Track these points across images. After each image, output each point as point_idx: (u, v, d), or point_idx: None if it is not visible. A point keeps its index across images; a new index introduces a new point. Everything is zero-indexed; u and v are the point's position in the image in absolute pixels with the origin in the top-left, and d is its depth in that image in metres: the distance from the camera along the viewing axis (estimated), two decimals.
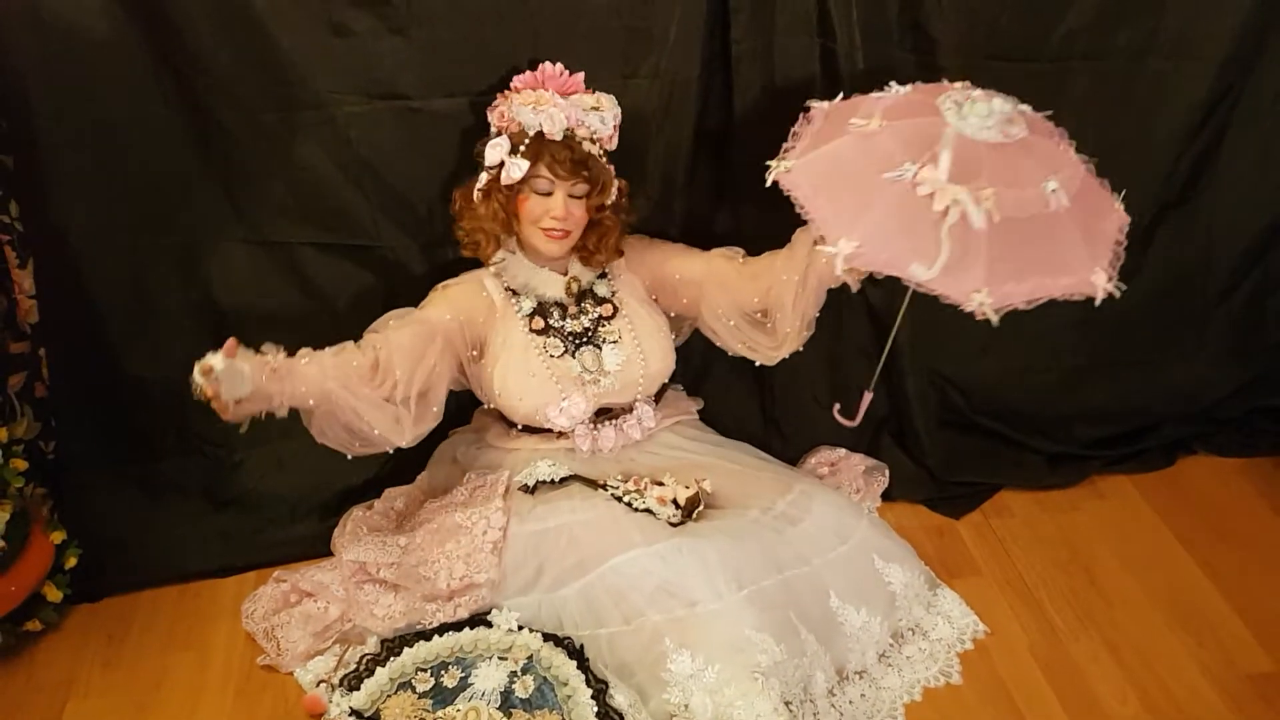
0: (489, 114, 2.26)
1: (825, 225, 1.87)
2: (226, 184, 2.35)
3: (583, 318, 2.35)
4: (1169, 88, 2.49)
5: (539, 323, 2.32)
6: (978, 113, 1.92)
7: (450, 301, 2.32)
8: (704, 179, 2.48)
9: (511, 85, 2.24)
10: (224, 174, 2.34)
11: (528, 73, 2.23)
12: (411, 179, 2.37)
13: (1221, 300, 2.75)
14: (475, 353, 2.34)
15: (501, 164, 2.21)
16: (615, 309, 2.37)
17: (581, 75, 2.24)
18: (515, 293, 2.34)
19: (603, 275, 2.40)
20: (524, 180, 2.21)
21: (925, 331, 2.66)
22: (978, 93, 1.97)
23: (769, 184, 1.95)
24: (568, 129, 2.19)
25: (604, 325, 2.36)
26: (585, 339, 2.34)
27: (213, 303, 2.45)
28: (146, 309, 2.42)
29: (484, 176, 2.24)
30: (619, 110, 2.26)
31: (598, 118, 2.22)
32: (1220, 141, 2.58)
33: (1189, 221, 2.66)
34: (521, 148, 2.19)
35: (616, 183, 2.29)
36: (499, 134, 2.23)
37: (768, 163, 1.98)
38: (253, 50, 2.20)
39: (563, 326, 2.34)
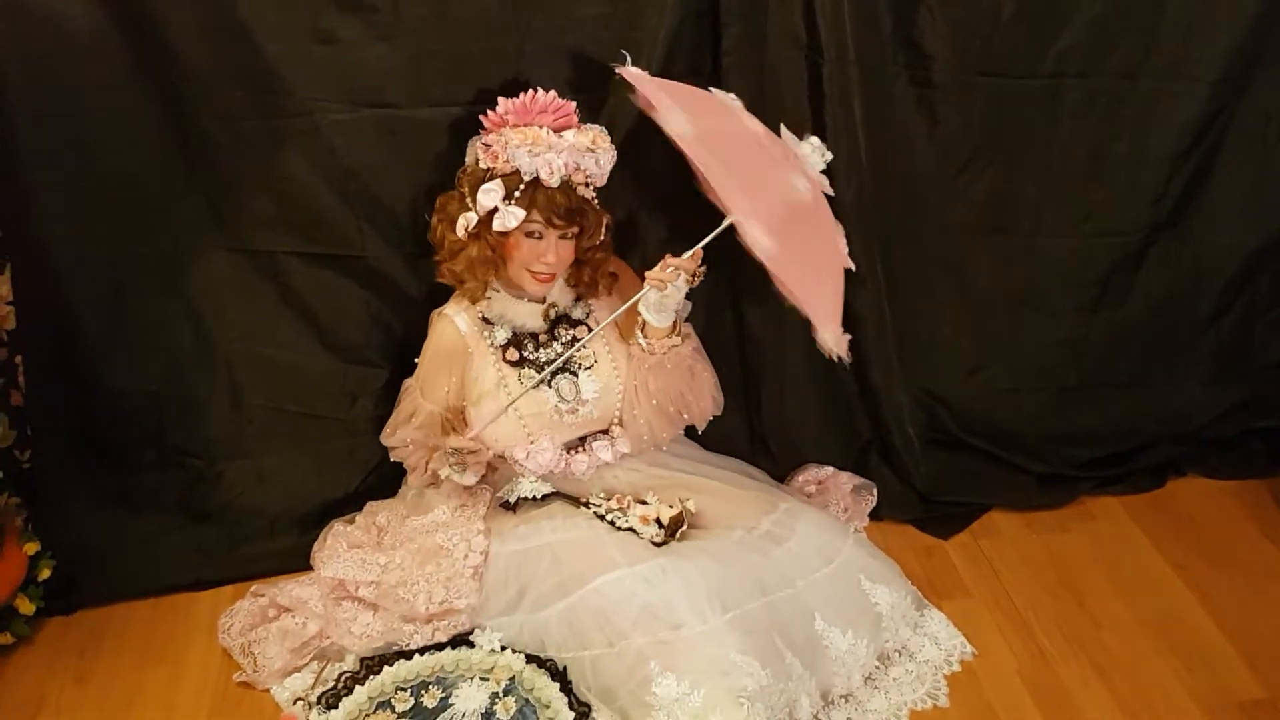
0: (478, 148, 2.18)
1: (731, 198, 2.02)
2: (209, 192, 2.33)
3: (555, 344, 2.29)
4: (1162, 108, 2.48)
5: (513, 354, 2.27)
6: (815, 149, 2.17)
7: (439, 372, 2.28)
8: (690, 192, 2.45)
9: (499, 113, 2.14)
10: (207, 182, 2.32)
11: (515, 101, 2.14)
12: (396, 188, 2.34)
13: (1212, 322, 2.74)
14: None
15: (494, 209, 2.13)
16: (590, 330, 2.32)
17: (573, 105, 2.16)
18: (489, 322, 2.28)
19: (578, 298, 2.35)
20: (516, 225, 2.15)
21: (915, 351, 2.65)
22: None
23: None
24: (565, 175, 2.12)
25: (579, 350, 2.30)
26: (560, 367, 2.28)
27: (194, 313, 2.42)
28: (126, 318, 2.39)
29: (472, 217, 2.16)
30: (614, 150, 2.18)
31: (593, 160, 2.14)
32: (1212, 163, 2.57)
33: (1180, 243, 2.65)
34: (516, 194, 2.12)
35: (604, 219, 2.24)
36: (488, 172, 2.14)
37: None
38: (237, 57, 2.18)
39: (537, 357, 2.28)
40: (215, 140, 2.26)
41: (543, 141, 2.10)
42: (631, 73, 2.09)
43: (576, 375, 2.29)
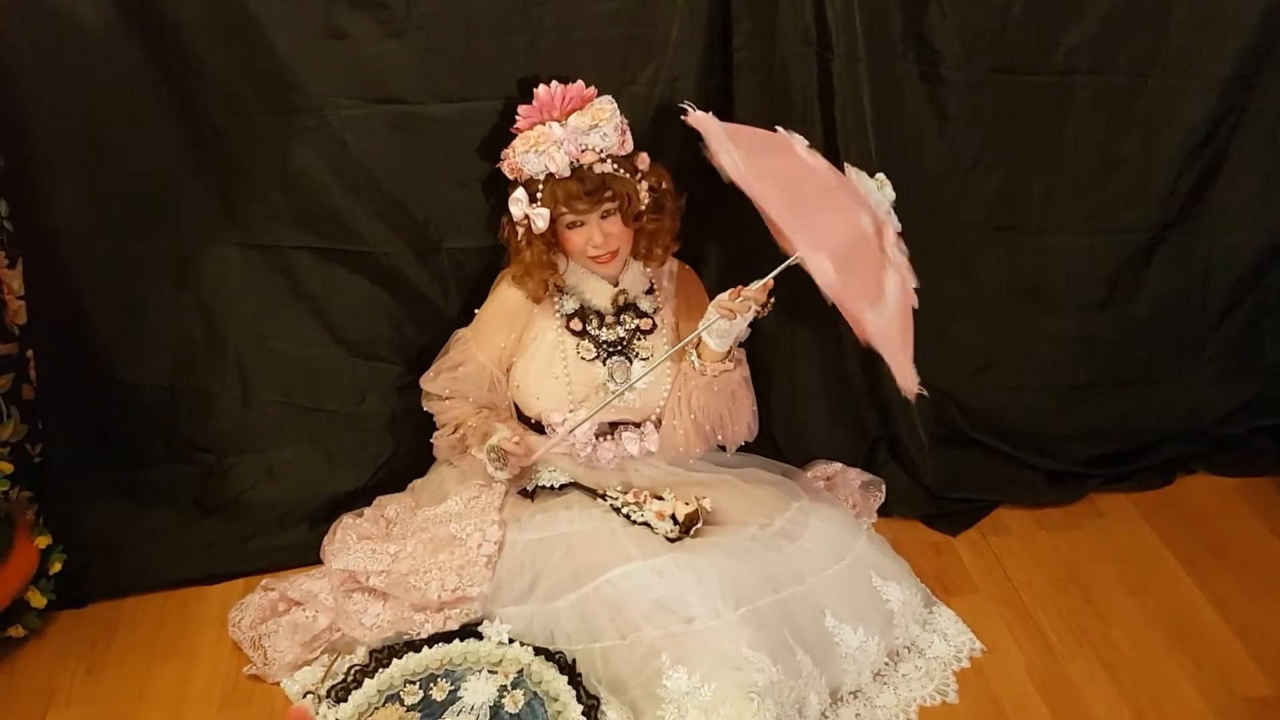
0: (501, 167, 2.25)
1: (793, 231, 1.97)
2: (220, 187, 2.33)
3: (619, 328, 2.34)
4: (1171, 105, 2.48)
5: (576, 324, 2.33)
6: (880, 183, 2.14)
7: (497, 327, 2.34)
8: (701, 187, 2.46)
9: (519, 121, 2.21)
10: (218, 177, 2.32)
11: (528, 106, 2.19)
12: (407, 184, 2.35)
13: (1221, 320, 2.74)
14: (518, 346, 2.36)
15: (527, 215, 2.21)
16: (655, 326, 2.37)
17: (580, 84, 2.20)
18: (561, 290, 2.34)
19: (650, 290, 2.39)
20: (553, 221, 2.21)
21: (924, 347, 2.64)
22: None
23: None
24: (573, 162, 2.17)
25: (640, 339, 2.35)
26: (619, 349, 2.33)
27: (204, 307, 2.43)
28: (137, 313, 2.40)
29: (519, 229, 2.24)
30: (619, 115, 2.22)
31: (599, 135, 2.18)
32: (1222, 161, 2.57)
33: (1189, 240, 2.65)
34: (538, 195, 2.20)
35: (647, 181, 2.26)
36: (515, 183, 2.23)
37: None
38: (248, 53, 2.18)
39: (599, 334, 2.33)
40: (226, 135, 2.27)
41: (545, 138, 2.17)
42: (697, 118, 2.10)
43: (631, 362, 2.33)
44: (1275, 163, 2.58)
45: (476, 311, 2.38)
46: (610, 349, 2.33)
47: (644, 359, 2.34)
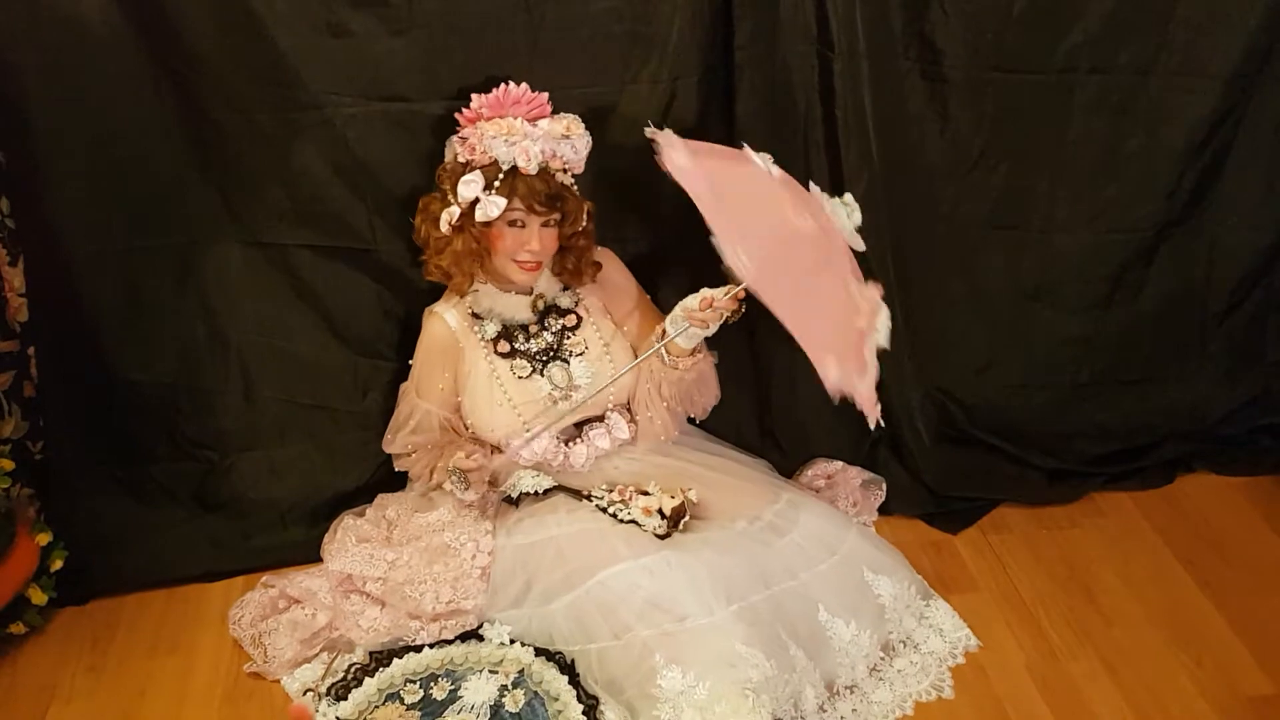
0: (455, 143, 2.21)
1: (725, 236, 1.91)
2: (222, 185, 2.34)
3: (545, 334, 2.32)
4: (1174, 104, 2.47)
5: (504, 346, 2.30)
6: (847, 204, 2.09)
7: (433, 369, 2.31)
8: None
9: (474, 109, 2.17)
10: (220, 175, 2.32)
11: (489, 95, 2.16)
12: (409, 182, 2.34)
13: (1223, 318, 2.73)
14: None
15: (476, 200, 2.15)
16: (579, 319, 2.35)
17: (545, 96, 2.19)
18: (478, 316, 2.31)
19: (565, 286, 2.37)
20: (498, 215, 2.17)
21: (926, 346, 2.64)
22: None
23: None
24: (542, 162, 2.15)
25: (569, 337, 2.33)
26: (552, 355, 2.31)
27: (207, 305, 2.43)
28: (139, 310, 2.40)
29: (455, 210, 2.18)
30: (589, 136, 2.21)
31: (569, 146, 2.16)
32: (1224, 159, 2.56)
33: (1192, 239, 2.64)
34: (496, 183, 2.14)
35: (585, 205, 2.25)
36: (467, 165, 2.17)
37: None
38: (250, 51, 2.18)
39: (528, 348, 2.31)
40: (228, 133, 2.27)
41: (518, 131, 2.13)
42: (663, 135, 2.08)
43: (568, 362, 2.31)
44: (1278, 161, 2.57)
45: (411, 363, 2.36)
46: (544, 358, 2.31)
47: (579, 354, 2.32)
